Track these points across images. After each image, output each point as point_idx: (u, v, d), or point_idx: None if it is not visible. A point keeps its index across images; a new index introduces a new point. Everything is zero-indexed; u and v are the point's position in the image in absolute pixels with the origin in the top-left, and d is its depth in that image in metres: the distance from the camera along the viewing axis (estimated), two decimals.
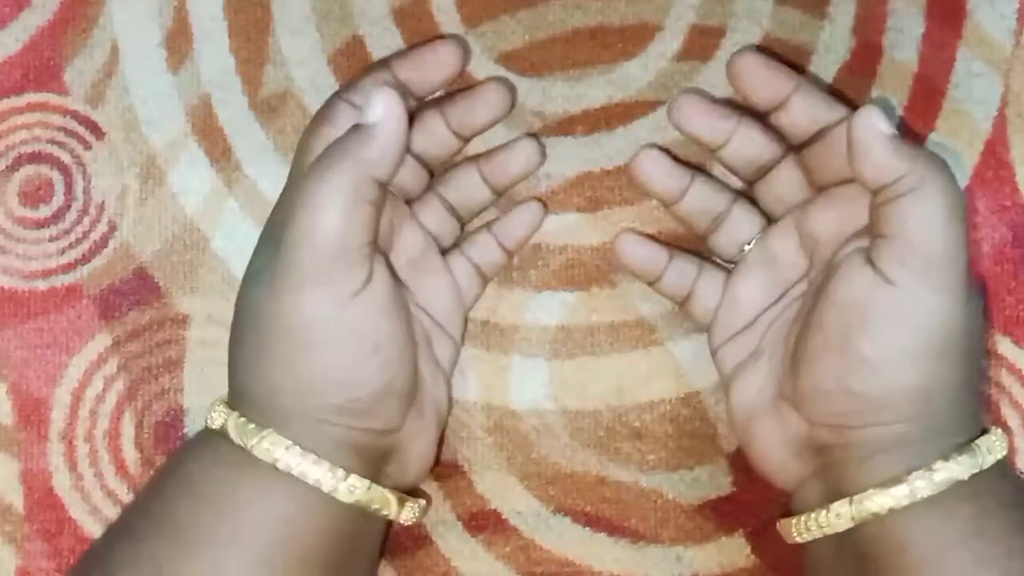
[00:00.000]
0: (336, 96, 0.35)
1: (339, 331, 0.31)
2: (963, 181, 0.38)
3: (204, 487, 0.31)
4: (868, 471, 0.30)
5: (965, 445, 0.30)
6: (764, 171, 0.36)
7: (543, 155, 0.38)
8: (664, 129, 0.38)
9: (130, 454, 0.39)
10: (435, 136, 0.36)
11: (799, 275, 0.35)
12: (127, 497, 0.39)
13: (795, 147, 0.35)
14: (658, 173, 0.36)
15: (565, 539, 0.38)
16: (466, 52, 0.35)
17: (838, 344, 0.31)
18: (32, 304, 0.39)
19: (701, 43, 0.39)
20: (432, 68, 0.35)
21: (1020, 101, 0.38)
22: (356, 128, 0.31)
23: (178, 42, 0.40)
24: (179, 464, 0.33)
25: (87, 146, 0.39)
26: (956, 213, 0.30)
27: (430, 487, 0.38)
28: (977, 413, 0.32)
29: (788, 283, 0.35)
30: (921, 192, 0.30)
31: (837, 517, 0.31)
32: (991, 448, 0.31)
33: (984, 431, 0.32)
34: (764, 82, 0.34)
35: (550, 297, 0.39)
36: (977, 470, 0.30)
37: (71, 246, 0.39)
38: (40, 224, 0.39)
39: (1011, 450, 0.37)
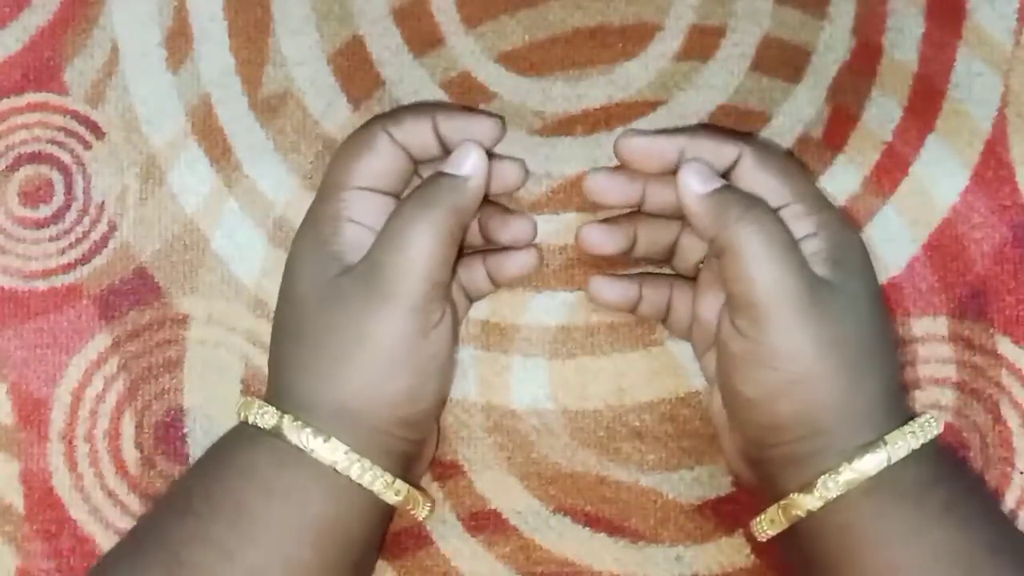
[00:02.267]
0: (378, 126, 0.35)
1: (421, 355, 0.33)
2: (963, 181, 0.38)
3: (261, 477, 0.33)
4: (787, 479, 0.33)
5: (872, 443, 0.32)
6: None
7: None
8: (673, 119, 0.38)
9: (130, 454, 0.39)
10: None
11: None
12: (127, 497, 0.39)
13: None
14: (604, 241, 0.37)
15: (565, 539, 0.38)
16: (503, 129, 0.36)
17: (726, 383, 0.34)
18: (32, 304, 0.39)
19: (701, 43, 0.39)
20: (472, 135, 0.36)
21: (1020, 101, 0.38)
22: (445, 177, 0.34)
23: (178, 42, 0.40)
24: (230, 458, 0.34)
25: (87, 146, 0.39)
26: (773, 258, 0.32)
27: (430, 487, 0.38)
28: (890, 403, 0.33)
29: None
30: (732, 251, 0.32)
31: (771, 521, 0.34)
32: (900, 441, 0.32)
33: (910, 418, 0.33)
34: (649, 155, 0.35)
35: (550, 297, 0.39)
36: (884, 465, 0.32)
37: (71, 246, 0.39)
38: (40, 224, 0.39)
39: (1010, 450, 0.38)
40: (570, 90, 0.39)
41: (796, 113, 0.39)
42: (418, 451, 0.36)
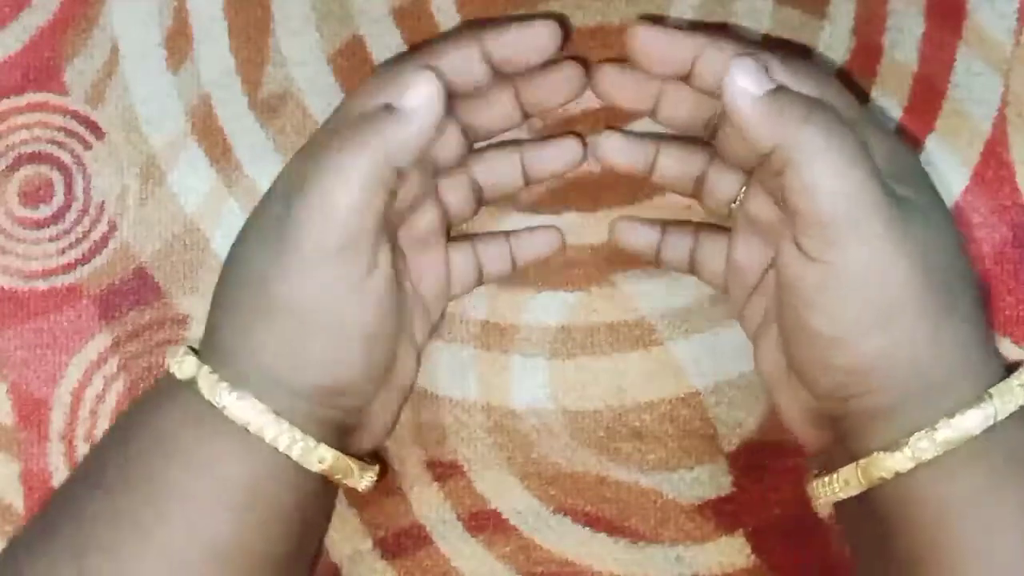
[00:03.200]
0: (417, 60, 0.32)
1: (338, 318, 0.30)
2: (963, 181, 0.38)
3: (176, 444, 0.30)
4: (872, 436, 0.29)
5: (974, 399, 0.28)
6: (715, 128, 0.35)
7: (584, 156, 0.37)
8: (663, 129, 0.38)
9: None
10: (501, 110, 0.35)
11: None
12: None
13: None
14: (619, 151, 0.35)
15: (565, 539, 0.38)
16: (566, 32, 0.32)
17: (796, 323, 0.30)
18: (32, 304, 0.39)
19: None
20: (528, 52, 0.32)
21: (1020, 101, 0.38)
22: (389, 108, 0.30)
23: (178, 42, 0.40)
24: (147, 419, 0.32)
25: (87, 146, 0.39)
26: (846, 161, 0.28)
27: (430, 487, 0.38)
28: (986, 354, 0.30)
29: (777, 240, 0.33)
30: (798, 159, 0.28)
31: (846, 483, 0.30)
32: (1008, 395, 0.28)
33: (1013, 369, 0.30)
34: (660, 54, 0.31)
35: (550, 297, 0.39)
36: (991, 422, 0.28)
37: (71, 246, 0.39)
38: (40, 224, 0.39)
39: None
40: None
41: None
42: (356, 420, 0.33)
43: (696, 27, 0.36)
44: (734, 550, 0.38)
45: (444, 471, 0.38)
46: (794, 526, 0.37)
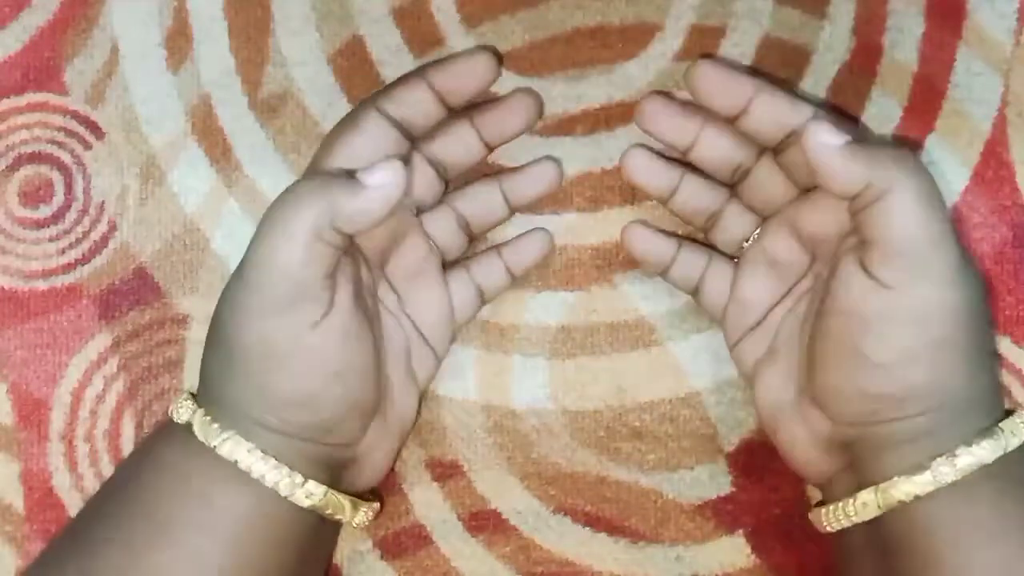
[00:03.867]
0: (370, 103, 0.34)
1: (300, 358, 0.31)
2: (963, 181, 0.38)
3: (176, 474, 0.32)
4: (893, 460, 0.31)
5: (988, 429, 0.30)
6: (743, 173, 0.36)
7: (561, 176, 0.38)
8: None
9: None
10: (463, 144, 0.36)
11: (801, 271, 0.35)
12: None
13: (771, 149, 0.35)
14: (644, 170, 0.36)
15: (565, 539, 0.38)
16: (500, 63, 0.35)
17: (846, 350, 0.31)
18: (32, 304, 0.39)
19: (701, 43, 0.39)
20: (468, 79, 0.35)
21: (1020, 101, 0.38)
22: (346, 177, 0.32)
23: (178, 42, 0.40)
24: (152, 450, 0.33)
25: (87, 146, 0.39)
26: (932, 203, 0.30)
27: (430, 487, 0.38)
28: (997, 395, 0.32)
29: (792, 280, 0.35)
30: (892, 194, 0.30)
31: (864, 506, 0.31)
32: (1015, 430, 0.31)
33: (1009, 412, 0.32)
34: (722, 89, 0.33)
35: (550, 297, 0.39)
36: (1001, 452, 0.30)
37: (71, 246, 0.39)
38: (40, 224, 0.39)
39: None
40: (570, 90, 0.39)
41: None
42: (349, 456, 0.34)
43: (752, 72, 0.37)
44: (734, 550, 0.38)
45: (444, 471, 0.38)
46: (794, 526, 0.37)
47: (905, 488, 0.30)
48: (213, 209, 0.39)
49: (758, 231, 0.36)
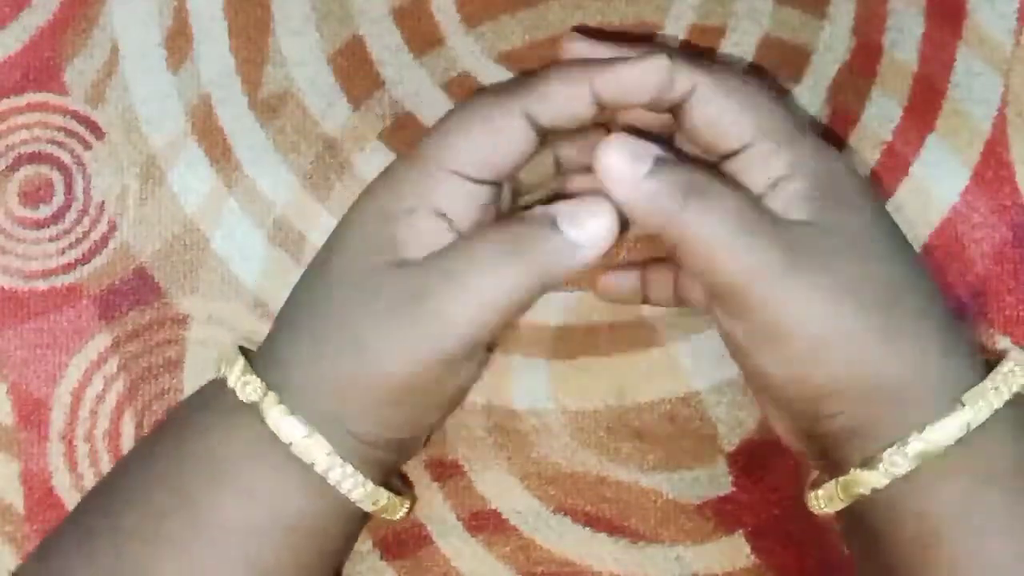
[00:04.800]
0: (516, 105, 0.29)
1: (434, 397, 0.31)
2: (963, 181, 0.38)
3: (230, 471, 0.30)
4: (850, 453, 0.29)
5: (946, 410, 0.28)
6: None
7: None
8: None
9: None
10: (543, 165, 0.34)
11: None
12: None
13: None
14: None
15: (565, 539, 0.38)
16: (671, 70, 0.29)
17: (751, 370, 0.31)
18: (32, 304, 0.39)
19: (701, 43, 0.39)
20: (637, 90, 0.29)
21: (1020, 101, 0.38)
22: (553, 233, 0.29)
23: (178, 42, 0.40)
24: (208, 436, 0.31)
25: (87, 146, 0.39)
26: (732, 234, 0.28)
27: (430, 487, 0.38)
28: (962, 365, 0.29)
29: None
30: (684, 244, 0.28)
31: (830, 499, 0.30)
32: (981, 403, 0.28)
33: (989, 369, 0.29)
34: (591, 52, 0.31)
35: (550, 297, 0.39)
36: (965, 431, 0.28)
37: (71, 246, 0.39)
38: (40, 224, 0.39)
39: None
40: None
41: None
42: (404, 459, 0.35)
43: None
44: (734, 550, 0.38)
45: (444, 471, 0.38)
46: (794, 526, 0.37)
47: (863, 480, 0.29)
48: (213, 209, 0.39)
49: None
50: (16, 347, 0.39)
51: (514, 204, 0.35)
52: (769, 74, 0.37)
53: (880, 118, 0.38)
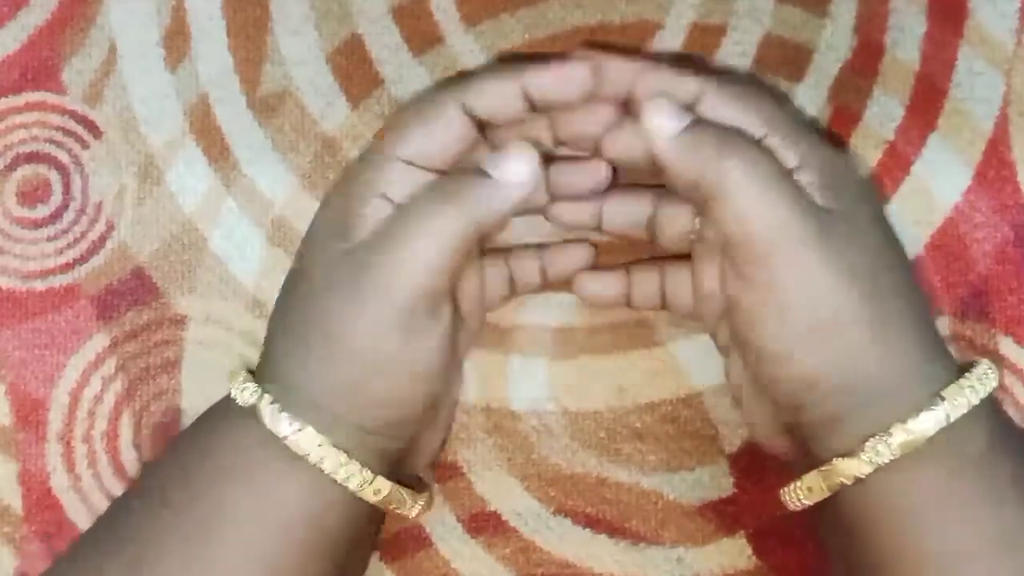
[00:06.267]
0: (449, 97, 0.32)
1: (402, 363, 0.31)
2: (965, 181, 0.38)
3: (235, 467, 0.31)
4: (831, 443, 0.30)
5: (927, 403, 0.29)
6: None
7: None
8: None
9: (128, 455, 0.39)
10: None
11: None
12: None
13: None
14: (564, 213, 0.35)
15: (565, 540, 0.38)
16: (600, 73, 0.32)
17: (742, 341, 0.31)
18: (30, 304, 0.39)
19: (702, 42, 0.39)
20: (568, 85, 0.32)
21: (1022, 100, 0.38)
22: (482, 177, 0.31)
23: (176, 41, 0.39)
24: (207, 442, 0.32)
25: (85, 145, 0.39)
26: (766, 190, 0.29)
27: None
28: (940, 362, 0.30)
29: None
30: (720, 194, 0.29)
31: (809, 490, 0.31)
32: (959, 399, 0.29)
33: (962, 369, 0.30)
34: (605, 74, 0.32)
35: (550, 297, 0.39)
36: (943, 424, 0.29)
37: (69, 246, 0.39)
38: (38, 224, 0.39)
39: None
40: None
41: None
42: (411, 447, 0.34)
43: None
44: (735, 551, 0.38)
45: (444, 472, 0.38)
46: (795, 527, 0.37)
47: (845, 469, 0.29)
48: (211, 209, 0.39)
49: (698, 220, 0.34)
50: (14, 347, 0.39)
51: None
52: (769, 84, 0.37)
53: (882, 117, 0.38)
